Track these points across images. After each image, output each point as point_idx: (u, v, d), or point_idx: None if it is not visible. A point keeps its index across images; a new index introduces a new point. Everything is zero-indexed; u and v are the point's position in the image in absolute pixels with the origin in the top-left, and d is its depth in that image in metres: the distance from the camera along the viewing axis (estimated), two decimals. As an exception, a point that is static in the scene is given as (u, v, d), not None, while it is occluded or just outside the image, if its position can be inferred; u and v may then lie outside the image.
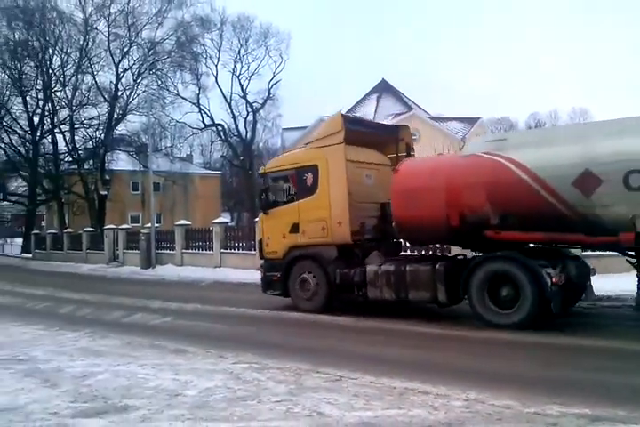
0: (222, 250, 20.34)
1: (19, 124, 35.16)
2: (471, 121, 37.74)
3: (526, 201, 7.97)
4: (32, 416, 5.19)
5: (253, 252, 18.90)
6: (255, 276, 16.78)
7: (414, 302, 9.39)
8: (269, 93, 37.99)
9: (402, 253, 11.79)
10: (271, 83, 37.73)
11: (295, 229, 10.56)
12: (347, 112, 35.90)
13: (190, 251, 22.05)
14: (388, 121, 28.20)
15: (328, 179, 10.09)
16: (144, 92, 31.93)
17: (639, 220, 7.24)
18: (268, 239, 11.23)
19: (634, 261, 8.07)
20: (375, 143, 10.94)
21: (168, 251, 22.89)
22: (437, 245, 13.00)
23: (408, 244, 11.61)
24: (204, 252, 21.29)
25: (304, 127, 36.05)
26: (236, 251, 20.00)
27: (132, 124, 34.17)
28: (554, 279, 7.70)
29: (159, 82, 33.17)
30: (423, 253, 12.99)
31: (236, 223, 42.05)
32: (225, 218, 28.10)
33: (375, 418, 4.78)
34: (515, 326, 7.91)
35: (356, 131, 10.45)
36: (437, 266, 8.87)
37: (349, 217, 9.84)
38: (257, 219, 15.18)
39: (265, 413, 5.02)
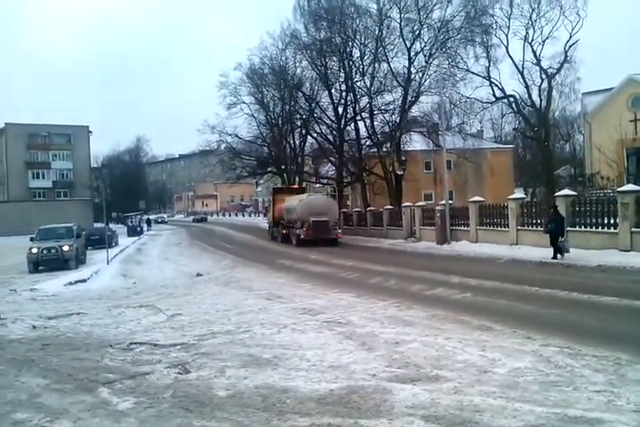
0: (519, 227, 19.50)
1: (326, 114, 39.30)
2: None
3: (285, 215, 29.92)
4: (354, 376, 5.83)
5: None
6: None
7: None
8: (566, 56, 34.37)
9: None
10: (567, 45, 34.01)
11: (271, 216, 33.86)
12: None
13: (484, 227, 21.71)
14: None
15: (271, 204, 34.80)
16: (435, 72, 32.13)
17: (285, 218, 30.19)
18: (277, 218, 31.96)
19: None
20: (302, 191, 34.28)
21: (462, 227, 22.98)
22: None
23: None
24: (499, 229, 20.71)
25: (608, 89, 31.79)
26: (534, 228, 18.88)
27: (424, 104, 34.97)
28: (301, 233, 26.32)
29: (449, 60, 33.01)
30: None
31: (532, 199, 39.72)
32: (520, 193, 26.84)
33: None
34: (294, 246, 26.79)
35: (285, 189, 35.86)
36: (270, 227, 34.16)
37: (272, 215, 33.01)
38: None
39: (583, 401, 4.71)
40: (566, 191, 18.86)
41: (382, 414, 4.70)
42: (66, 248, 20.71)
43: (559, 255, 15.49)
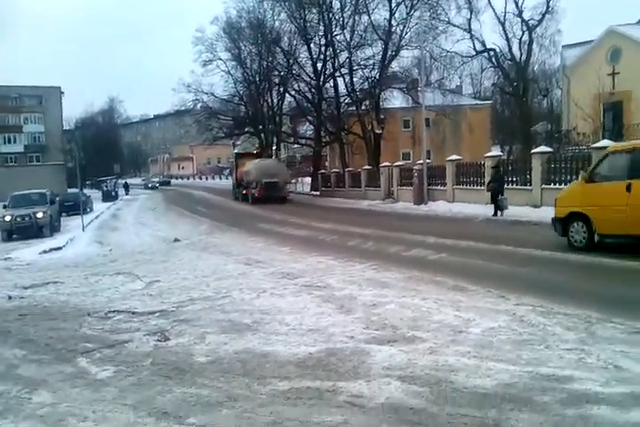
0: (495, 185, 19.62)
1: (305, 71, 38.44)
2: None
3: (244, 177, 32.81)
4: (333, 338, 5.91)
5: (529, 187, 17.93)
6: (537, 213, 16.02)
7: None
8: (548, 7, 33.72)
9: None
10: (550, -7, 33.38)
11: (234, 179, 37.95)
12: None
13: (461, 187, 21.86)
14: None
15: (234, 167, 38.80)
16: (416, 24, 31.45)
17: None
18: (239, 180, 35.09)
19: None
20: (260, 156, 36.66)
21: (440, 187, 23.12)
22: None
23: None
24: (476, 188, 20.86)
25: (588, 42, 31.49)
26: (513, 186, 18.99)
27: (404, 59, 34.40)
28: (255, 192, 30.81)
29: (431, 11, 32.23)
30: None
31: (508, 156, 39.90)
32: (497, 151, 26.93)
33: (688, 380, 4.22)
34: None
35: (246, 154, 38.84)
36: (234, 188, 37.98)
37: (235, 177, 36.84)
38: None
39: (554, 359, 4.83)
40: (542, 148, 18.94)
41: (360, 376, 4.78)
42: (40, 215, 20.36)
43: (499, 212, 16.88)
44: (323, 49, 36.60)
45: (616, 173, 9.51)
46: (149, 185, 68.77)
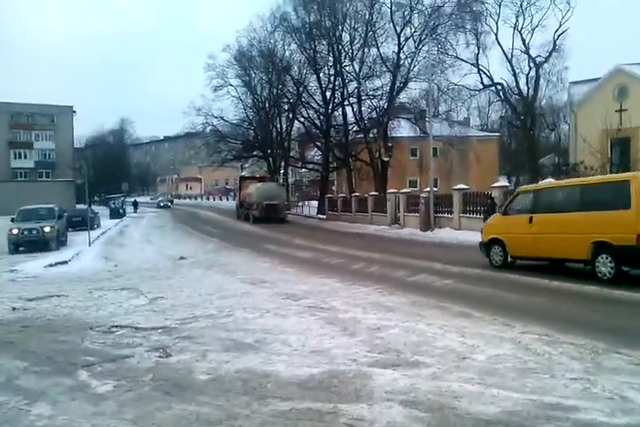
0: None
1: (314, 99, 39.08)
2: None
3: (247, 198, 35.29)
4: (336, 360, 5.85)
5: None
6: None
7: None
8: (554, 45, 34.22)
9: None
10: (557, 34, 33.82)
11: (238, 200, 39.72)
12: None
13: (468, 215, 21.83)
14: None
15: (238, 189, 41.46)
16: (424, 58, 31.90)
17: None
18: (242, 201, 37.26)
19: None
20: (263, 180, 39.70)
21: (446, 215, 23.09)
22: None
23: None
24: (482, 216, 20.82)
25: (595, 79, 31.89)
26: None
27: (412, 91, 34.82)
28: (256, 213, 32.78)
29: (439, 46, 32.74)
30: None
31: (515, 187, 39.98)
32: (504, 182, 26.97)
33: (695, 412, 4.15)
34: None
35: (250, 178, 42.74)
36: (237, 208, 39.11)
37: (240, 196, 38.20)
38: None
39: (559, 389, 4.77)
40: (549, 180, 18.97)
41: (362, 400, 4.73)
42: (47, 229, 20.49)
43: None
44: (332, 79, 37.15)
45: (523, 208, 11.72)
46: (161, 204, 66.85)
